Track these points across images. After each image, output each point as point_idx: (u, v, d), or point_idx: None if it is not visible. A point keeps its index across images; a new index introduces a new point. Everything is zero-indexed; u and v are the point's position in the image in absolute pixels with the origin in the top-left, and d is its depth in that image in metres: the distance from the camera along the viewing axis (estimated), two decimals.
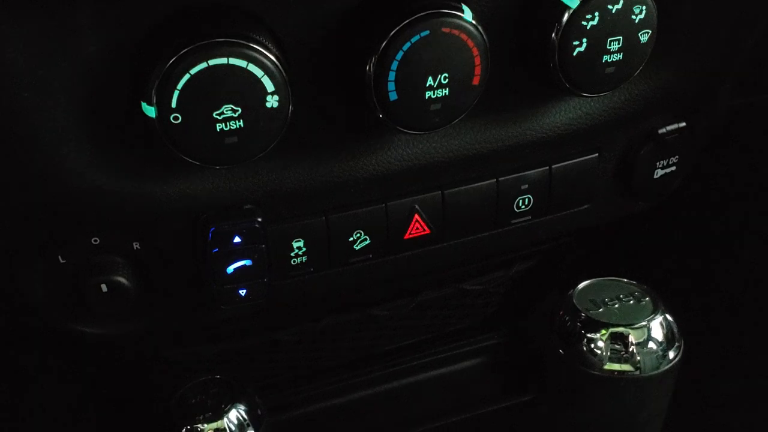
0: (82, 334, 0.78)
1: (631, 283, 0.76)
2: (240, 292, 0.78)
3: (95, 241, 0.74)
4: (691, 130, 0.93)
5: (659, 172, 0.93)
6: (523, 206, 0.89)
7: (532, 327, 1.24)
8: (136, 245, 0.75)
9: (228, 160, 0.67)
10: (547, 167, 0.87)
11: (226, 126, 0.65)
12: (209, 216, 0.74)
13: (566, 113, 0.85)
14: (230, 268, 0.76)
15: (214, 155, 0.66)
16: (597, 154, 0.90)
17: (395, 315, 1.19)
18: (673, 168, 0.94)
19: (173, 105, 0.63)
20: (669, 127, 0.91)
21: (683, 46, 0.86)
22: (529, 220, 0.91)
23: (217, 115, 0.65)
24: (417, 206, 0.84)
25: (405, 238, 0.85)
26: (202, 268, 0.77)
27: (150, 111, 0.64)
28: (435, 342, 1.30)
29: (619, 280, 0.76)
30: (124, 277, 0.74)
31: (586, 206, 0.93)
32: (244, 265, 0.76)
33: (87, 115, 0.67)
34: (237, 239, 0.75)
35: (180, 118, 0.64)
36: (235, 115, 0.65)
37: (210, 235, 0.74)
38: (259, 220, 0.75)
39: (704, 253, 1.24)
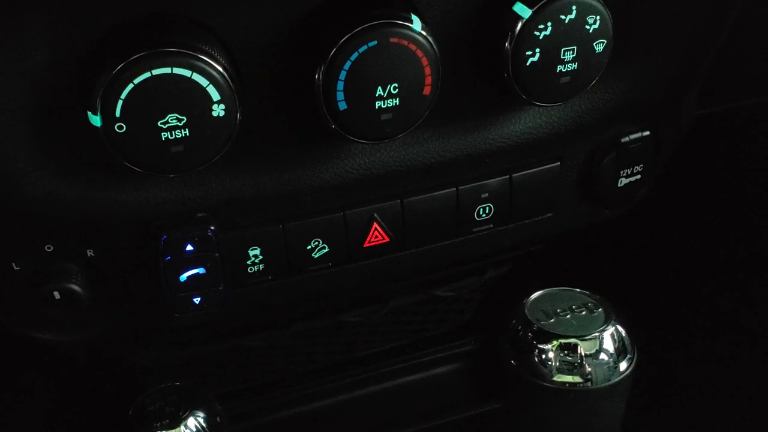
0: (37, 340, 0.78)
1: (585, 294, 0.75)
2: (194, 300, 0.78)
3: (49, 248, 0.74)
4: (656, 138, 0.93)
5: (623, 181, 0.93)
6: (484, 215, 0.89)
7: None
8: (89, 252, 0.75)
9: (174, 169, 0.67)
10: (508, 176, 0.87)
11: (171, 135, 0.65)
12: (161, 224, 0.74)
13: (526, 122, 0.85)
14: (183, 276, 0.76)
15: (160, 164, 0.66)
16: (559, 163, 0.89)
17: (367, 321, 1.19)
18: (638, 177, 0.94)
19: (117, 114, 0.64)
20: (632, 136, 0.91)
21: (643, 55, 0.85)
22: (490, 228, 0.90)
23: (162, 124, 0.65)
24: (376, 214, 0.84)
25: (364, 246, 0.85)
26: (156, 276, 0.77)
27: (95, 120, 0.64)
28: (410, 348, 1.30)
29: (573, 291, 0.76)
30: (77, 285, 0.75)
31: (549, 215, 0.93)
32: (198, 273, 0.76)
33: (37, 123, 0.68)
34: (189, 247, 0.75)
35: (124, 128, 0.64)
36: (181, 124, 0.65)
37: (162, 243, 0.74)
38: (212, 228, 0.75)
39: (674, 262, 1.24)
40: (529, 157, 0.88)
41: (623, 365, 0.71)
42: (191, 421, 0.84)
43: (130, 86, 0.63)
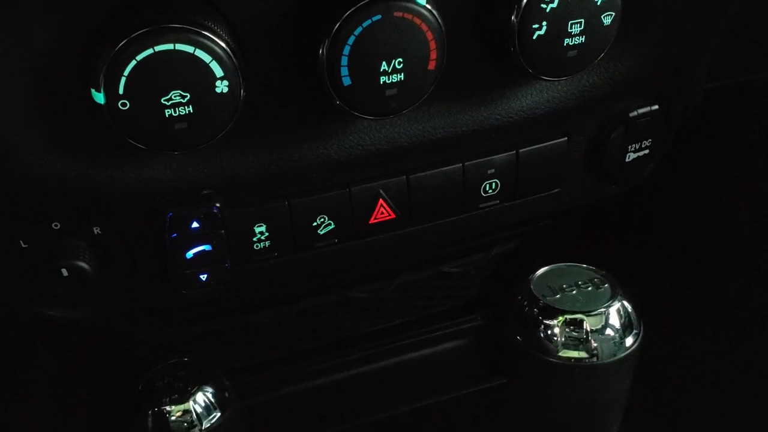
0: (45, 317, 0.79)
1: (591, 269, 0.75)
2: (201, 276, 0.78)
3: (56, 225, 0.74)
4: (665, 113, 0.92)
5: (631, 156, 0.92)
6: (491, 190, 0.88)
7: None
8: (96, 230, 0.76)
9: (178, 146, 0.67)
10: (514, 151, 0.87)
11: (175, 112, 0.65)
12: (167, 201, 0.74)
13: (532, 97, 0.84)
14: (190, 253, 0.76)
15: (164, 141, 0.66)
16: (566, 138, 0.89)
17: (375, 297, 1.19)
18: (646, 152, 0.93)
19: (120, 91, 0.63)
20: (641, 111, 0.90)
21: (652, 28, 0.84)
22: (497, 204, 0.90)
23: (165, 101, 0.65)
24: (381, 191, 0.84)
25: (370, 222, 0.85)
26: (162, 253, 0.77)
27: (99, 98, 0.64)
28: (417, 324, 1.30)
29: (579, 266, 0.76)
30: (85, 262, 0.75)
31: (556, 190, 0.93)
32: (204, 250, 0.77)
33: (42, 103, 0.68)
34: (195, 224, 0.75)
35: (128, 105, 0.64)
36: (184, 101, 0.65)
37: (168, 220, 0.74)
38: (218, 205, 0.75)
39: (683, 238, 1.23)
40: (535, 132, 0.87)
41: (629, 341, 0.70)
42: (200, 396, 0.85)
43: (133, 63, 0.62)
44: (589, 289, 0.73)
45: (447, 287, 1.29)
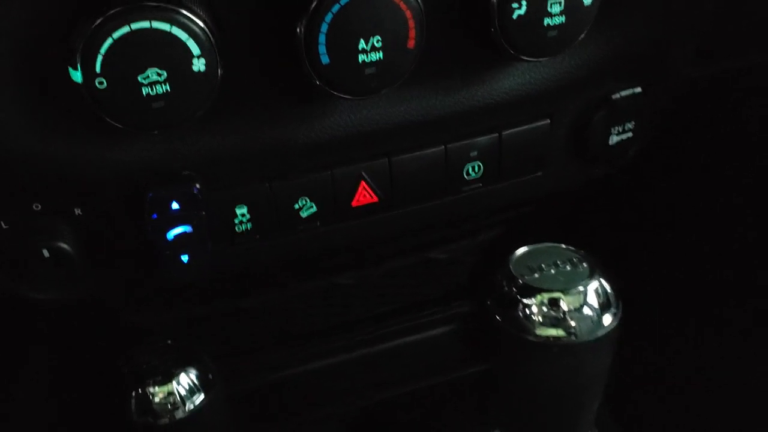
0: (28, 299, 0.79)
1: (569, 249, 0.75)
2: (182, 257, 0.78)
3: (36, 206, 0.74)
4: (648, 96, 0.92)
5: (614, 139, 0.92)
6: (473, 173, 0.88)
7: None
8: (77, 211, 0.76)
9: (156, 125, 0.67)
10: (497, 134, 0.87)
11: (152, 90, 0.65)
12: (147, 182, 0.74)
13: (515, 78, 0.84)
14: (170, 234, 0.76)
15: (142, 120, 0.66)
16: (548, 120, 0.89)
17: (362, 284, 1.20)
18: (629, 134, 0.93)
19: (97, 70, 0.64)
20: (623, 93, 0.90)
21: (634, 9, 0.84)
22: (480, 187, 0.90)
23: (142, 79, 0.65)
24: (363, 173, 0.84)
25: (352, 205, 0.85)
26: (144, 235, 0.77)
27: (76, 76, 0.64)
28: (406, 310, 1.31)
29: (558, 246, 0.76)
30: (66, 243, 0.75)
31: (539, 173, 0.93)
32: (185, 231, 0.77)
33: (20, 82, 0.68)
34: (175, 205, 0.75)
35: (105, 83, 0.64)
36: (161, 79, 0.65)
37: (148, 200, 0.74)
38: (197, 186, 0.75)
39: (669, 223, 1.24)
40: (518, 114, 0.87)
41: (607, 319, 0.71)
42: (183, 378, 0.85)
43: (110, 41, 0.62)
44: (568, 268, 0.73)
45: (435, 274, 1.29)
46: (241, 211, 0.81)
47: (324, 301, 1.21)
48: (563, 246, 0.76)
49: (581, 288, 0.71)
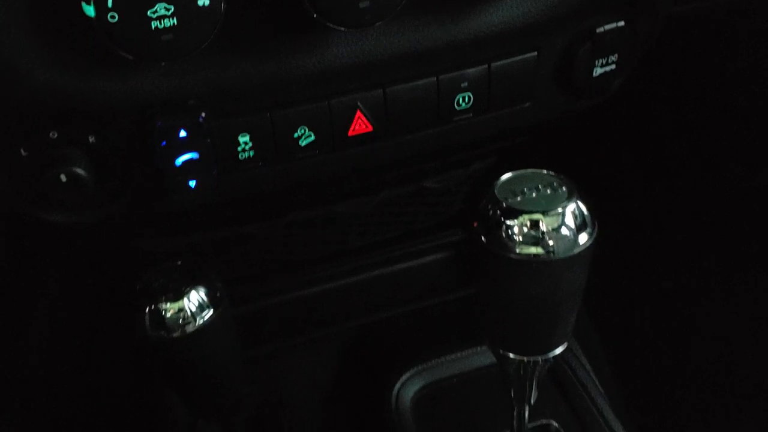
0: (45, 222, 0.85)
1: (550, 174, 0.80)
2: (190, 183, 0.84)
3: (53, 135, 0.80)
4: (631, 30, 0.96)
5: (598, 71, 0.96)
6: (464, 104, 0.93)
7: None
8: (91, 138, 0.81)
9: (164, 56, 0.72)
10: (486, 65, 0.91)
11: (160, 24, 0.70)
12: (156, 111, 0.79)
13: (504, 12, 0.88)
14: (179, 161, 0.82)
15: (152, 52, 0.71)
16: (535, 53, 0.93)
17: (360, 213, 1.26)
18: (613, 66, 0.97)
19: (109, 5, 0.68)
20: (607, 27, 0.94)
21: None
22: (470, 117, 0.95)
23: (151, 13, 0.69)
24: (359, 103, 0.89)
25: (349, 135, 0.90)
26: (153, 161, 0.82)
27: (89, 10, 0.69)
28: (402, 239, 1.37)
29: (539, 172, 0.81)
30: (82, 168, 0.80)
31: (527, 104, 0.98)
32: (191, 158, 0.82)
33: (35, 18, 0.72)
34: (183, 133, 0.80)
35: (116, 17, 0.68)
36: (169, 13, 0.69)
37: (157, 128, 0.79)
38: (203, 114, 0.80)
39: (652, 153, 1.29)
40: (507, 47, 0.91)
41: (583, 238, 0.76)
42: (193, 295, 0.91)
43: None
44: (548, 192, 0.78)
45: (429, 203, 1.35)
46: (244, 139, 0.86)
47: (323, 230, 1.28)
48: (544, 171, 0.81)
49: (560, 210, 0.76)
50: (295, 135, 0.88)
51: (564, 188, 0.78)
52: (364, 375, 1.19)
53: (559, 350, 0.85)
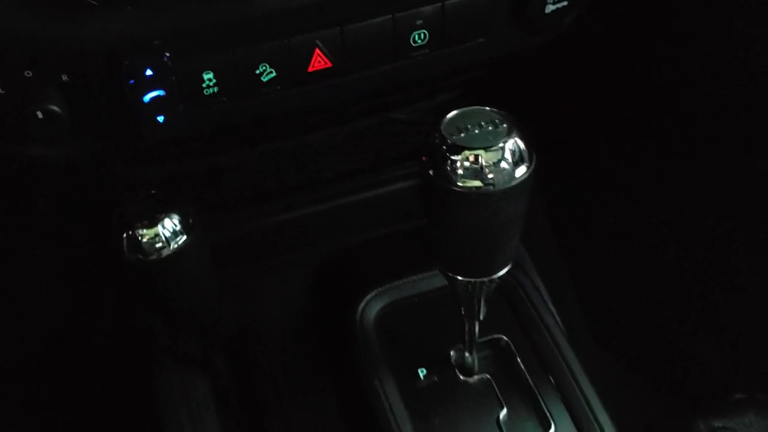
0: (27, 156, 0.91)
1: (493, 111, 0.86)
2: (158, 118, 0.90)
3: (28, 74, 0.85)
4: None
5: (550, 8, 1.01)
6: (420, 41, 0.98)
7: None
8: (64, 77, 0.86)
9: (129, 1, 0.77)
10: (441, 2, 0.95)
11: None
12: (123, 51, 0.84)
13: None
14: (146, 98, 0.87)
15: None
16: None
17: (328, 144, 1.31)
18: (565, 3, 1.01)
19: None
20: None
21: None
22: (426, 53, 1.00)
23: None
24: (318, 41, 0.93)
25: (309, 71, 0.95)
26: (123, 98, 0.88)
27: None
28: (369, 168, 1.43)
29: (483, 109, 0.86)
30: (57, 105, 0.86)
31: (481, 40, 1.02)
32: (158, 95, 0.88)
33: None
34: (149, 72, 0.86)
35: None
36: None
37: (124, 68, 0.85)
38: (167, 54, 0.85)
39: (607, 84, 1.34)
40: None
41: (520, 171, 0.83)
42: (167, 222, 0.97)
43: None
44: (490, 128, 0.84)
45: (397, 134, 1.41)
46: (208, 76, 0.91)
47: (294, 161, 1.34)
48: (488, 108, 0.86)
49: (499, 145, 0.82)
50: (257, 71, 0.93)
51: (504, 125, 0.84)
52: (332, 296, 1.27)
53: (501, 273, 0.93)
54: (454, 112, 0.87)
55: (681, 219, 1.42)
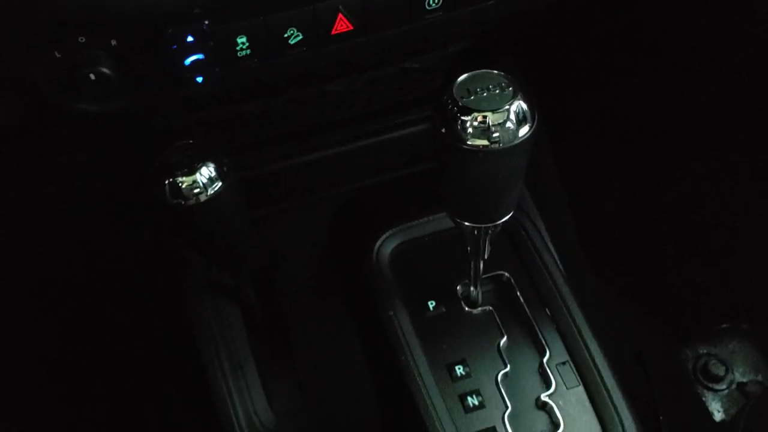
0: (80, 110, 1.02)
1: (500, 74, 0.94)
2: (197, 79, 1.00)
3: (81, 39, 0.94)
4: None
5: None
6: (434, 4, 1.06)
7: None
8: (113, 42, 0.96)
9: None
10: None
11: None
12: (167, 20, 0.94)
13: None
14: (187, 61, 0.97)
15: None
16: None
17: (348, 90, 1.40)
18: None
19: None
20: None
21: None
22: (440, 14, 1.08)
23: None
24: (341, 6, 1.02)
25: (332, 33, 1.04)
26: (166, 61, 0.97)
27: None
28: (389, 111, 1.52)
29: (492, 72, 0.95)
30: (107, 68, 0.96)
31: (491, 2, 1.10)
32: (198, 58, 0.97)
33: None
34: (190, 38, 0.95)
35: None
36: None
37: (168, 35, 0.94)
38: (206, 22, 0.95)
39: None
40: None
41: (523, 131, 0.92)
42: (204, 170, 1.06)
43: None
44: (497, 91, 0.93)
45: (413, 80, 1.49)
46: (242, 40, 1.00)
47: (317, 106, 1.43)
48: (495, 72, 0.95)
49: (505, 108, 0.91)
50: (285, 35, 1.02)
51: (510, 88, 0.93)
52: (351, 234, 1.39)
53: (503, 219, 1.04)
54: (464, 75, 0.96)
55: (680, 153, 1.51)
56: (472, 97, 0.93)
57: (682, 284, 1.66)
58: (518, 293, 1.25)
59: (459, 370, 1.17)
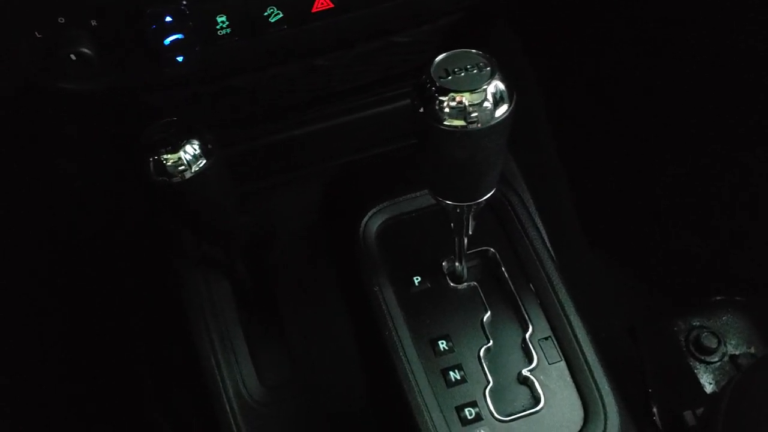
0: (59, 89, 1.02)
1: (479, 54, 0.94)
2: (177, 58, 1.00)
3: (61, 20, 0.95)
4: None
5: None
6: None
7: None
8: (93, 23, 0.96)
9: None
10: None
11: None
12: (146, 0, 0.94)
13: None
14: (167, 41, 0.97)
15: None
16: None
17: (337, 64, 1.40)
18: None
19: None
20: None
21: None
22: None
23: None
24: None
25: (312, 11, 1.04)
26: (146, 41, 0.98)
27: None
28: (379, 84, 1.52)
29: (470, 52, 0.95)
30: (87, 48, 0.96)
31: None
32: (178, 38, 0.97)
33: None
34: (169, 18, 0.95)
35: None
36: None
37: (147, 15, 0.94)
38: (184, 2, 0.95)
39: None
40: None
41: (500, 111, 0.92)
42: (188, 147, 1.06)
43: None
44: (475, 71, 0.93)
45: (403, 53, 1.48)
46: (221, 18, 1.00)
47: (306, 80, 1.43)
48: (473, 51, 0.95)
49: (483, 88, 0.91)
50: (265, 13, 1.02)
51: (488, 68, 0.93)
52: (339, 210, 1.40)
53: (485, 197, 1.05)
54: (442, 56, 0.96)
55: (677, 122, 1.50)
56: (450, 78, 0.93)
57: (676, 257, 1.67)
58: (503, 269, 1.27)
59: (442, 344, 1.19)
